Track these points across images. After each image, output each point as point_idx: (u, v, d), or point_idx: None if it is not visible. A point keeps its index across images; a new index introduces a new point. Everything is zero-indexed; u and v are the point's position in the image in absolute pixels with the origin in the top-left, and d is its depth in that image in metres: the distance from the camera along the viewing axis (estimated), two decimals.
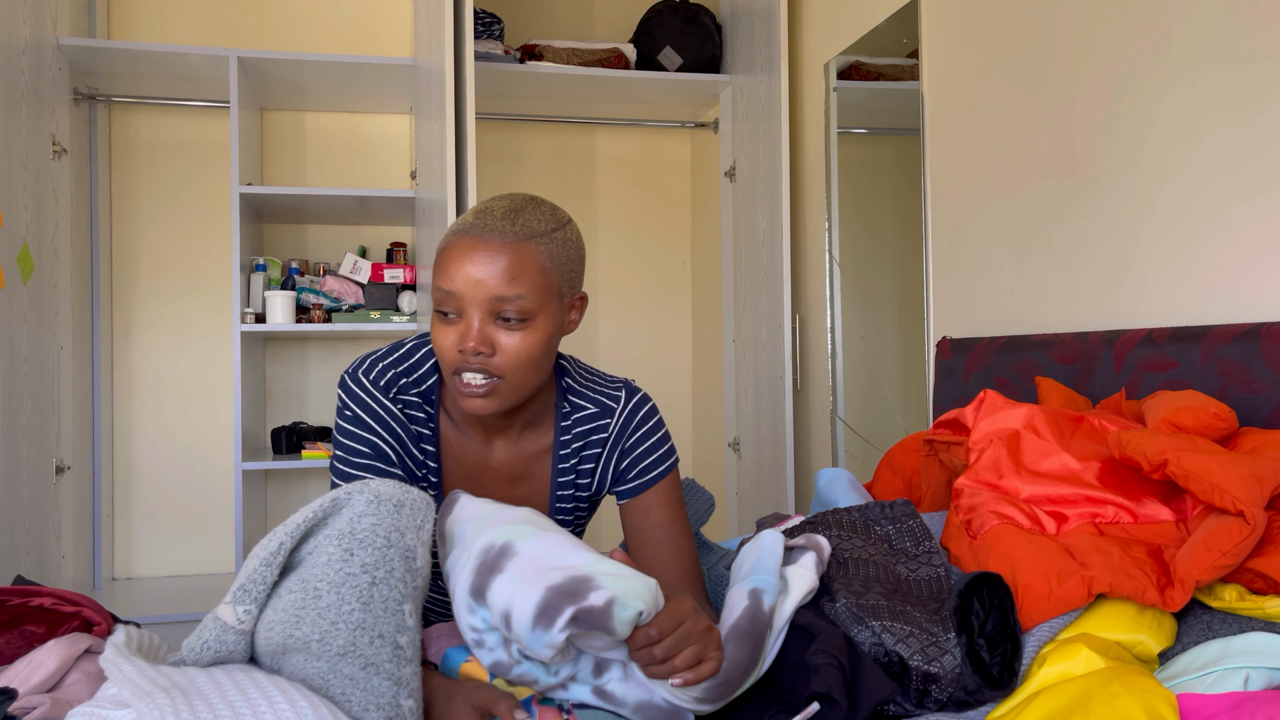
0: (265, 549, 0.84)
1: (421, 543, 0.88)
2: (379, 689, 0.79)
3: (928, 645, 0.89)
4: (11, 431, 2.26)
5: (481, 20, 2.91)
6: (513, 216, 1.11)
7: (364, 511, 0.86)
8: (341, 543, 0.83)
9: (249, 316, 2.77)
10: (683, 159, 3.63)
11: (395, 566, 0.84)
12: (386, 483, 0.89)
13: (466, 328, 1.08)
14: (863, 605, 0.93)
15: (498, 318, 1.09)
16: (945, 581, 1.01)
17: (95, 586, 2.93)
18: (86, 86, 2.91)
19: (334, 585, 0.81)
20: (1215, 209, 1.41)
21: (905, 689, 0.89)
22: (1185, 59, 1.45)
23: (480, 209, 1.13)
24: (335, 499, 0.87)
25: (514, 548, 0.91)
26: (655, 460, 1.24)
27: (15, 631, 0.97)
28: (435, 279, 1.11)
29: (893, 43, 2.31)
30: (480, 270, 1.07)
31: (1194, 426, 1.13)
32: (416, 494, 0.90)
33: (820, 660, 0.84)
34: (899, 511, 1.13)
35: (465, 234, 1.09)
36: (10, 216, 2.27)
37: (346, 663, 0.79)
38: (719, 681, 0.87)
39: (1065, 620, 0.96)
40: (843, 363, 2.56)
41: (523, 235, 1.10)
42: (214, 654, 0.82)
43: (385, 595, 0.83)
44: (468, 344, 1.07)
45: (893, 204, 2.39)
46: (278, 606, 0.83)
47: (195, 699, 0.65)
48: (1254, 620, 0.95)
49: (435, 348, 1.12)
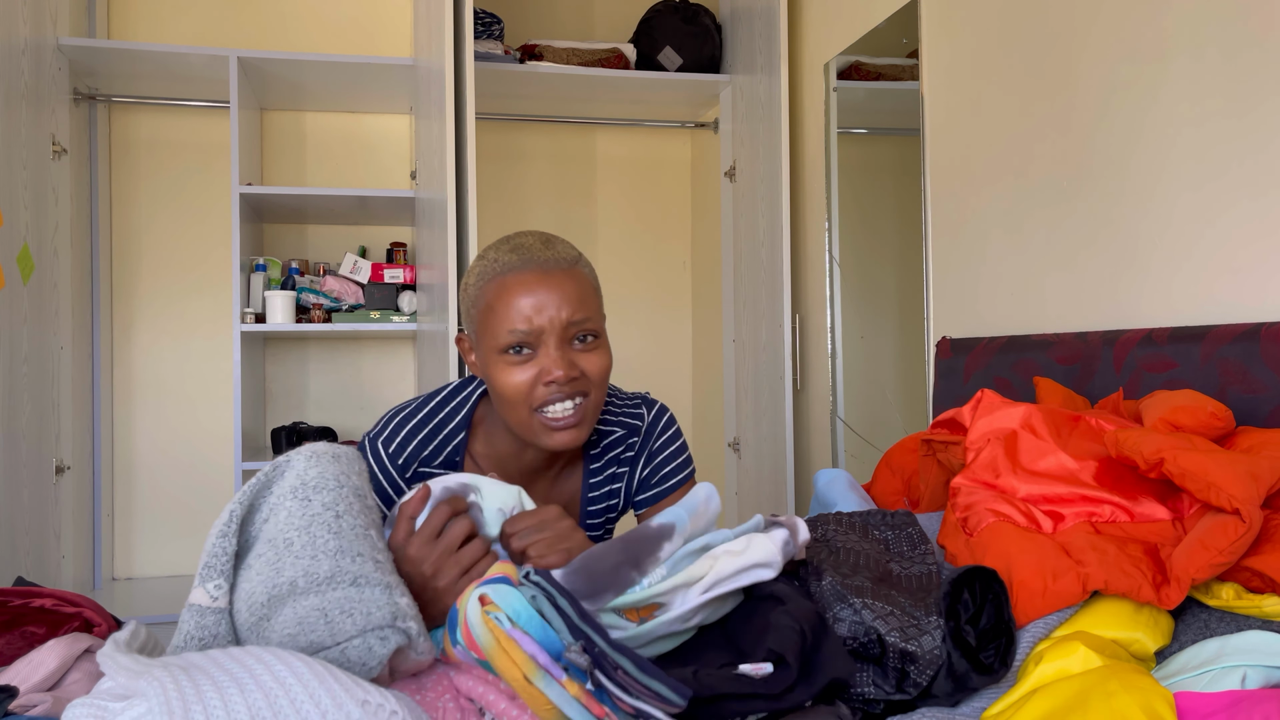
0: (218, 524, 0.87)
1: (365, 485, 0.94)
2: (374, 596, 0.81)
3: (907, 625, 0.88)
4: (11, 431, 2.27)
5: (481, 20, 2.92)
6: (550, 246, 1.13)
7: (308, 466, 0.90)
8: (296, 494, 0.88)
9: (249, 316, 2.77)
10: (683, 159, 3.63)
11: (352, 502, 0.89)
12: (318, 444, 0.94)
13: (548, 359, 1.09)
14: (848, 584, 0.92)
15: (573, 341, 1.11)
16: (936, 577, 1.01)
17: (95, 586, 2.93)
18: (86, 86, 2.91)
19: (302, 529, 0.85)
20: (1215, 209, 1.41)
21: (884, 670, 0.88)
22: (1185, 59, 1.46)
23: (513, 247, 1.13)
24: (275, 464, 0.92)
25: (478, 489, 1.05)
26: (673, 470, 1.26)
27: (16, 632, 0.98)
28: (499, 324, 1.09)
29: (893, 43, 2.31)
30: (551, 300, 1.08)
31: (1191, 426, 1.13)
32: (346, 448, 0.95)
33: (783, 621, 0.83)
34: (900, 520, 1.13)
35: (518, 271, 1.10)
36: (10, 216, 2.27)
37: (335, 586, 0.82)
38: (576, 567, 0.85)
39: (1060, 617, 0.96)
40: (843, 363, 2.57)
41: (568, 261, 1.12)
42: (199, 642, 0.83)
43: (352, 524, 0.87)
44: (556, 373, 1.08)
45: (893, 204, 2.40)
46: (252, 573, 0.85)
47: (194, 672, 0.67)
48: (1251, 619, 0.95)
49: (506, 390, 1.10)
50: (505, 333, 1.09)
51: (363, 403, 3.28)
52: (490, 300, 1.11)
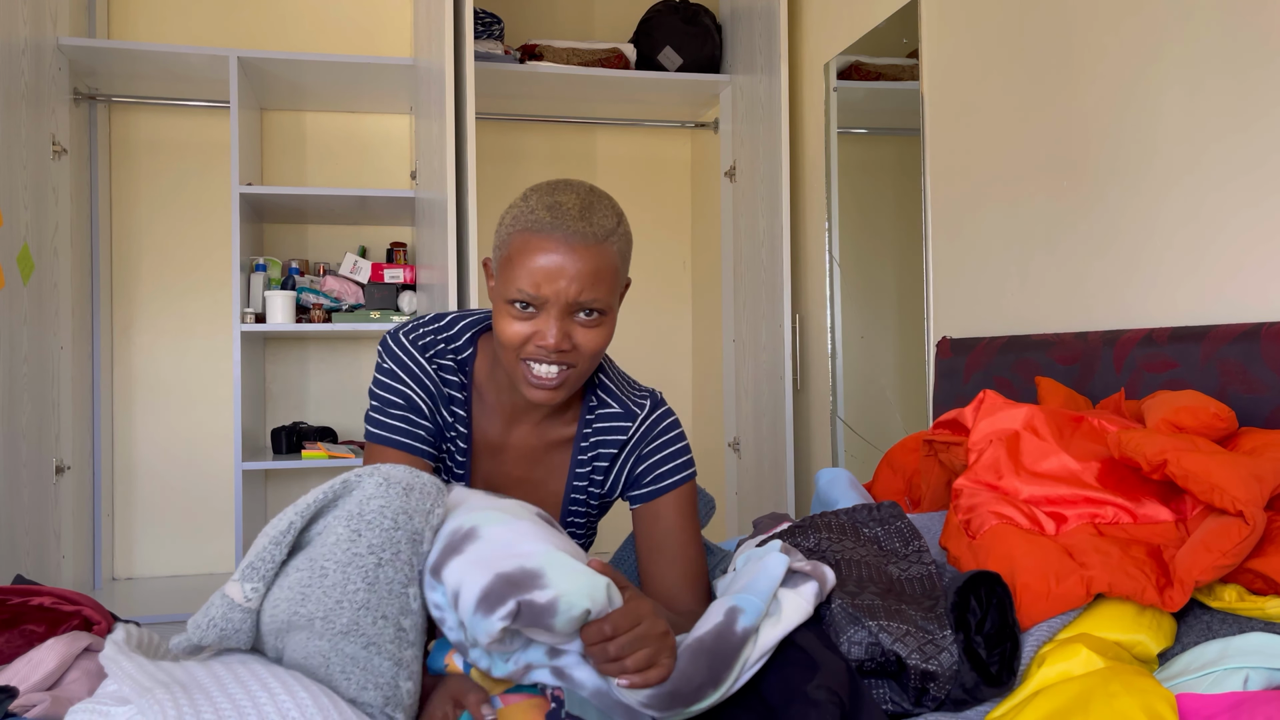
0: (275, 528, 0.85)
1: (430, 527, 0.88)
2: (379, 669, 0.79)
3: (924, 643, 0.88)
4: (11, 431, 2.26)
5: (481, 20, 2.92)
6: (587, 215, 1.12)
7: (373, 494, 0.86)
8: (350, 523, 0.84)
9: (249, 316, 2.77)
10: (683, 159, 3.63)
11: (402, 549, 0.85)
12: (398, 467, 0.90)
13: (546, 325, 1.11)
14: (858, 605, 0.92)
15: (576, 314, 1.12)
16: (937, 579, 1.01)
17: (95, 586, 2.93)
18: (86, 86, 2.91)
19: (340, 565, 0.82)
20: (1215, 209, 1.40)
21: (903, 687, 0.89)
22: (1185, 58, 1.45)
23: (551, 204, 1.13)
24: (346, 480, 0.88)
25: (478, 532, 0.90)
26: (672, 469, 1.25)
27: (15, 630, 0.97)
28: (512, 278, 1.11)
29: (893, 43, 2.31)
30: (565, 275, 1.09)
31: (1194, 427, 1.13)
32: (427, 479, 0.90)
33: (822, 696, 0.82)
34: (886, 513, 1.13)
35: (545, 235, 1.10)
36: (10, 216, 2.27)
37: (348, 641, 0.79)
38: (667, 691, 0.85)
39: (1064, 620, 0.96)
40: (843, 363, 2.56)
41: (600, 236, 1.11)
42: (220, 631, 0.82)
43: (391, 577, 0.83)
44: (548, 341, 1.11)
45: (893, 204, 2.39)
46: (284, 584, 0.83)
47: (195, 693, 0.66)
48: (1253, 620, 0.94)
49: (503, 335, 1.14)
50: (515, 289, 1.11)
51: (363, 403, 3.28)
52: (513, 251, 1.13)
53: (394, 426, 1.20)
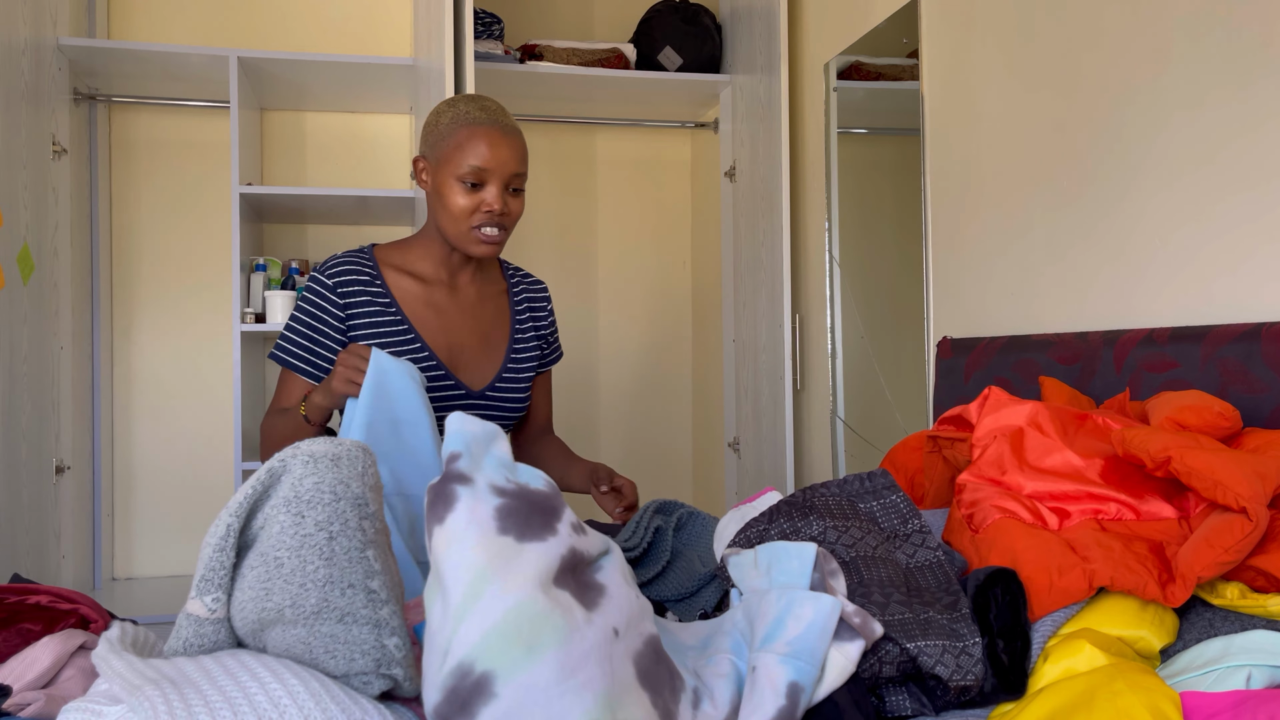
0: (214, 535, 0.83)
1: (369, 488, 0.87)
2: (360, 638, 0.78)
3: (960, 656, 0.86)
4: (11, 431, 2.26)
5: (481, 20, 2.91)
6: (505, 115, 1.52)
7: (303, 474, 0.85)
8: (290, 508, 0.83)
9: (249, 316, 2.77)
10: (683, 159, 3.63)
11: (349, 518, 0.83)
12: (318, 442, 0.88)
13: (493, 195, 1.49)
14: (889, 622, 0.90)
15: (509, 187, 1.51)
16: (946, 566, 1.00)
17: (95, 586, 2.92)
18: (86, 86, 2.90)
19: (293, 550, 0.81)
20: (1215, 208, 1.40)
21: (930, 694, 0.88)
22: (1187, 58, 1.45)
23: (480, 107, 1.51)
24: (270, 469, 0.86)
25: (493, 685, 0.71)
26: (558, 344, 1.80)
27: (12, 629, 0.97)
28: (464, 157, 1.47)
29: (893, 43, 2.31)
30: (507, 153, 1.48)
31: (1198, 425, 1.13)
32: (349, 444, 0.89)
33: None
34: (879, 484, 1.11)
35: (487, 125, 1.48)
36: (10, 216, 2.27)
37: (323, 620, 0.78)
38: None
39: (1067, 614, 0.95)
40: (843, 363, 2.56)
41: (517, 130, 1.52)
42: (197, 650, 0.82)
43: (346, 546, 0.82)
44: (495, 207, 1.49)
45: (893, 204, 2.39)
46: (244, 586, 0.82)
47: (185, 688, 0.65)
48: (1256, 618, 0.94)
49: (454, 208, 1.49)
50: (467, 167, 1.47)
51: None
52: (461, 140, 1.48)
53: (299, 344, 1.62)
